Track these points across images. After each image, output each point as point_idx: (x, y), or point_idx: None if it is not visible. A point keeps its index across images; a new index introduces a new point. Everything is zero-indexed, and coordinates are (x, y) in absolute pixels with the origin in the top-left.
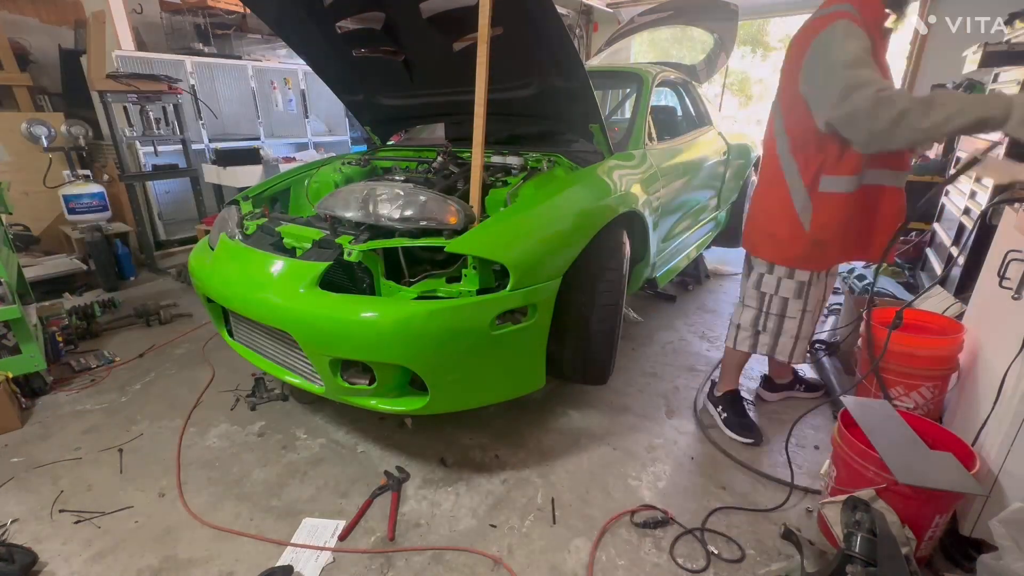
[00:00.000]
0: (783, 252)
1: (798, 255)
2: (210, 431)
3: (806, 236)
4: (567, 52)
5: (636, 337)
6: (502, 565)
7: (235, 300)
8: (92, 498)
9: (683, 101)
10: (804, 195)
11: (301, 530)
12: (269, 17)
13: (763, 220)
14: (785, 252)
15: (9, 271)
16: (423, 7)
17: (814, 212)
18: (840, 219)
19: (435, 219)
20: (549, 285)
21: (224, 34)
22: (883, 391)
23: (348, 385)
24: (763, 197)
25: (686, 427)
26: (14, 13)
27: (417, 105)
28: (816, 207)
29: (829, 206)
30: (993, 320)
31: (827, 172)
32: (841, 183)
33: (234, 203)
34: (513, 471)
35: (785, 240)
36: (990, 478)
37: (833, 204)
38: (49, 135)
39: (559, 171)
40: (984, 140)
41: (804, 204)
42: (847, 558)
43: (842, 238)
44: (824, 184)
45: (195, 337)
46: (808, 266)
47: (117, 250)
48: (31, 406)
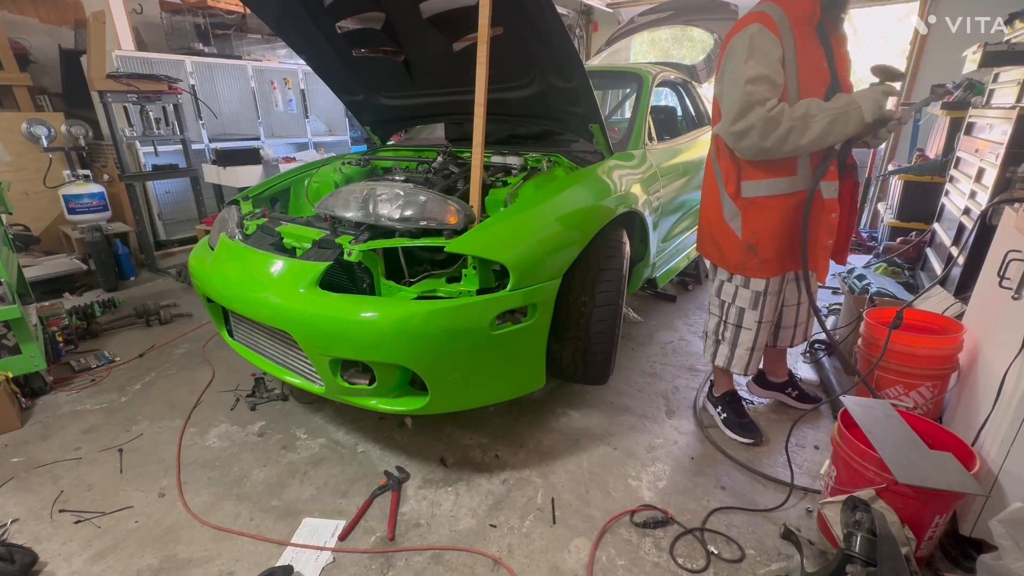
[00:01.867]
0: (725, 259)
1: (738, 261)
2: (210, 431)
3: (740, 242)
4: (567, 52)
5: (636, 337)
6: (502, 565)
7: (235, 300)
8: (92, 498)
9: (683, 101)
10: (731, 202)
11: (301, 530)
12: (269, 17)
13: (706, 227)
14: (727, 258)
15: (9, 271)
16: (423, 7)
17: (743, 218)
18: (769, 224)
19: (435, 219)
20: (549, 285)
21: (224, 34)
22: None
23: (348, 385)
24: (703, 204)
25: (686, 427)
26: (14, 13)
27: (417, 105)
28: (744, 213)
29: (755, 211)
30: (993, 320)
31: (746, 177)
32: (763, 187)
33: (234, 203)
34: (513, 471)
35: (724, 247)
36: (990, 478)
37: (758, 208)
38: (49, 135)
39: (559, 171)
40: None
41: (732, 211)
42: (847, 558)
43: (777, 244)
44: (746, 190)
45: (195, 337)
46: (751, 273)
47: (117, 250)
48: (31, 406)
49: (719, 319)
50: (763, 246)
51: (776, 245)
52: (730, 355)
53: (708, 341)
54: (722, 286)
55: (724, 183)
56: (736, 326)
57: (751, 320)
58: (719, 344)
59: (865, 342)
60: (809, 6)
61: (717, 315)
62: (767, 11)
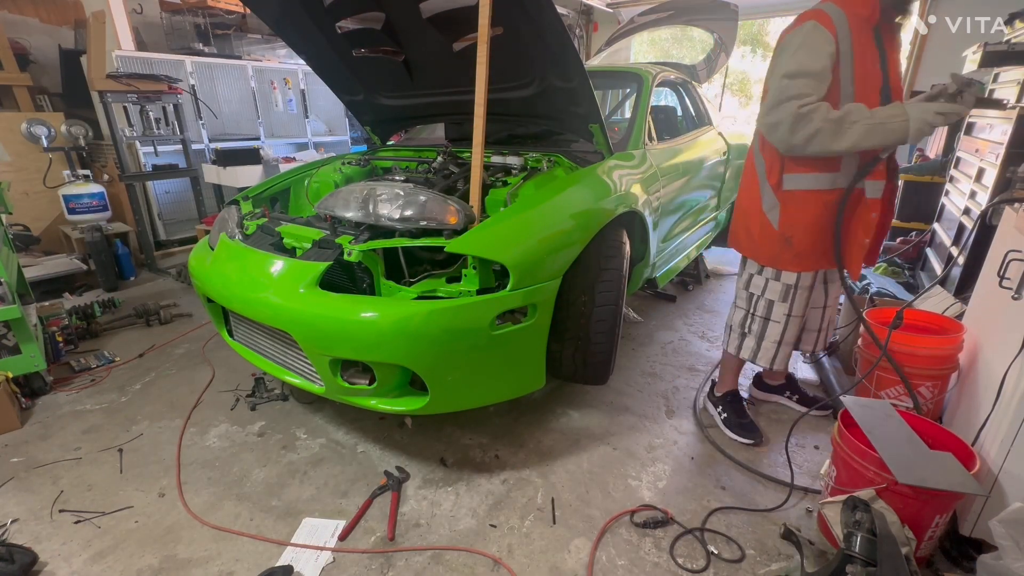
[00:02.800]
0: (758, 250)
1: (771, 253)
2: (210, 431)
3: (776, 234)
4: (567, 52)
5: (636, 337)
6: (502, 565)
7: (235, 300)
8: (92, 498)
9: (683, 101)
10: (771, 193)
11: (301, 530)
12: (269, 17)
13: (741, 217)
14: (760, 250)
15: (9, 271)
16: (423, 7)
17: (781, 210)
18: (807, 218)
19: (435, 219)
20: (549, 285)
21: (224, 34)
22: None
23: (348, 385)
24: (741, 194)
25: (686, 427)
26: (14, 13)
27: (417, 105)
28: (783, 205)
29: (794, 204)
30: (993, 320)
31: (789, 170)
32: (805, 180)
33: (234, 203)
34: (513, 471)
35: (758, 238)
36: (990, 478)
37: (798, 202)
38: (49, 135)
39: (559, 171)
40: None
41: (771, 203)
42: (847, 558)
43: (813, 239)
44: (788, 182)
45: (195, 337)
46: (783, 266)
47: (117, 250)
48: (31, 406)
49: (746, 312)
50: (799, 239)
51: (811, 240)
52: (756, 348)
53: (731, 335)
54: (751, 279)
55: (767, 174)
56: (764, 319)
57: (780, 313)
58: (744, 337)
59: (865, 342)
60: (868, 7)
61: (744, 308)
62: (825, 9)
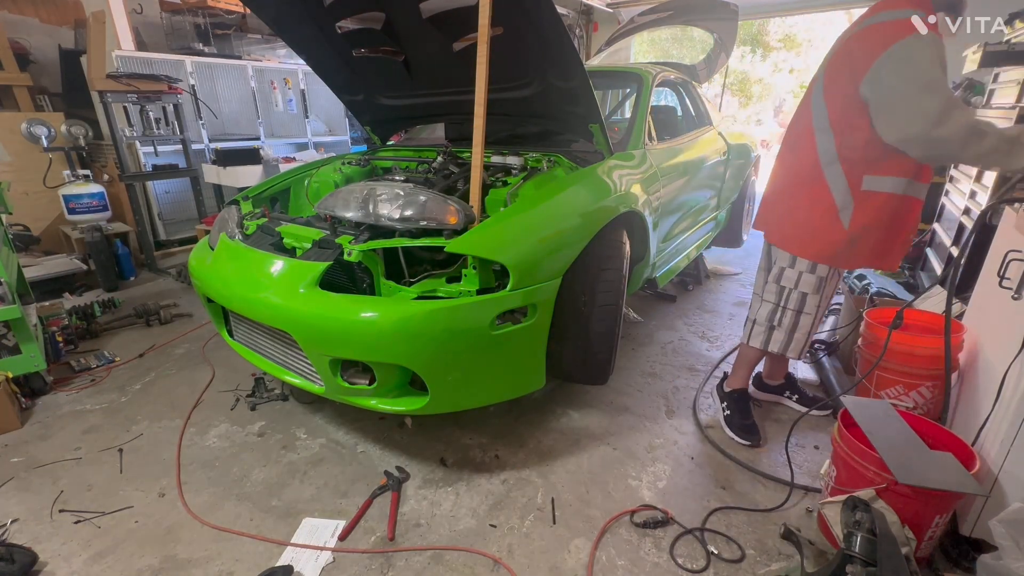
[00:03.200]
0: (816, 248)
1: (833, 252)
2: (210, 431)
3: (844, 234)
4: (567, 52)
5: (636, 337)
6: (502, 565)
7: (235, 300)
8: (92, 498)
9: (683, 101)
10: (846, 193)
11: (301, 530)
12: (269, 17)
13: (800, 215)
14: (819, 248)
15: (9, 271)
16: (423, 7)
17: (855, 211)
18: (880, 220)
19: (435, 219)
20: (549, 285)
21: (224, 34)
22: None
23: (348, 385)
24: (796, 191)
25: (686, 427)
26: (14, 13)
27: (417, 105)
28: (858, 205)
29: (871, 206)
30: (993, 320)
31: (871, 172)
32: (884, 183)
33: (234, 203)
34: (513, 471)
35: (822, 236)
36: (990, 478)
37: (875, 204)
38: (49, 135)
39: (559, 171)
40: None
41: (845, 202)
42: (847, 558)
43: (875, 239)
44: (868, 183)
45: (195, 337)
46: (837, 263)
47: (117, 250)
48: (31, 406)
49: (775, 305)
50: (864, 239)
51: (875, 240)
52: (787, 341)
53: (756, 328)
54: (783, 273)
55: (846, 172)
56: (796, 311)
57: (812, 305)
58: (773, 331)
59: (865, 342)
60: (928, 12)
61: (773, 302)
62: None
